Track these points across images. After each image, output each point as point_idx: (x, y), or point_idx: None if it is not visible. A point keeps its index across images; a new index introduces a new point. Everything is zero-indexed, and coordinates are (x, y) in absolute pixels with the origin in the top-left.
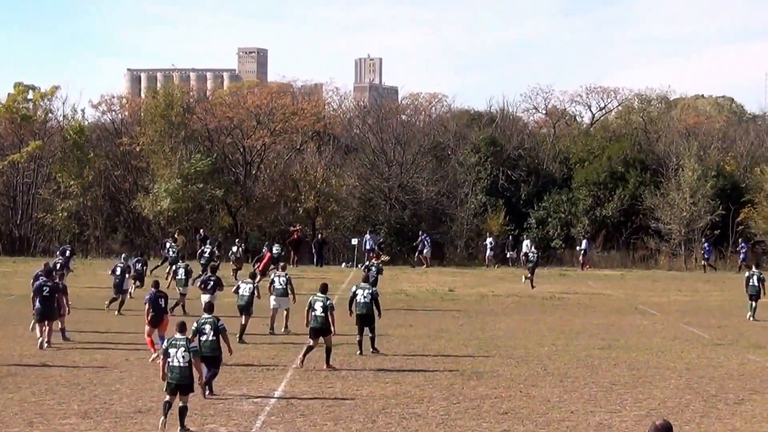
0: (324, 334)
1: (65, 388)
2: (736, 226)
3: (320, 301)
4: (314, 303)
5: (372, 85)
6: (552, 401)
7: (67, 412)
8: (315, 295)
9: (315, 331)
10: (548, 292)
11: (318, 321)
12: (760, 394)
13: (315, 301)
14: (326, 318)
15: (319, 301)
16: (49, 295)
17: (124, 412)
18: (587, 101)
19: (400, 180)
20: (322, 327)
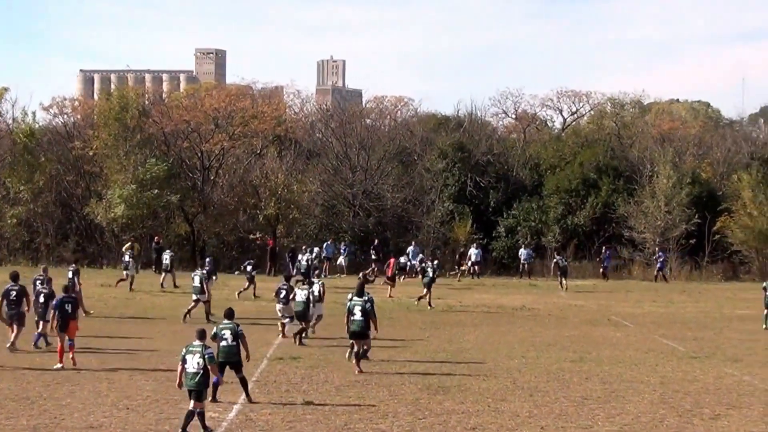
0: (363, 338)
1: (14, 402)
2: (712, 236)
3: (359, 305)
4: (353, 308)
5: (335, 87)
6: (521, 416)
7: (15, 427)
8: (353, 300)
9: (354, 335)
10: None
11: (357, 325)
12: (736, 409)
13: (354, 306)
14: (366, 321)
15: (358, 305)
16: (16, 299)
17: (75, 428)
18: (558, 105)
19: (365, 186)
20: (361, 330)
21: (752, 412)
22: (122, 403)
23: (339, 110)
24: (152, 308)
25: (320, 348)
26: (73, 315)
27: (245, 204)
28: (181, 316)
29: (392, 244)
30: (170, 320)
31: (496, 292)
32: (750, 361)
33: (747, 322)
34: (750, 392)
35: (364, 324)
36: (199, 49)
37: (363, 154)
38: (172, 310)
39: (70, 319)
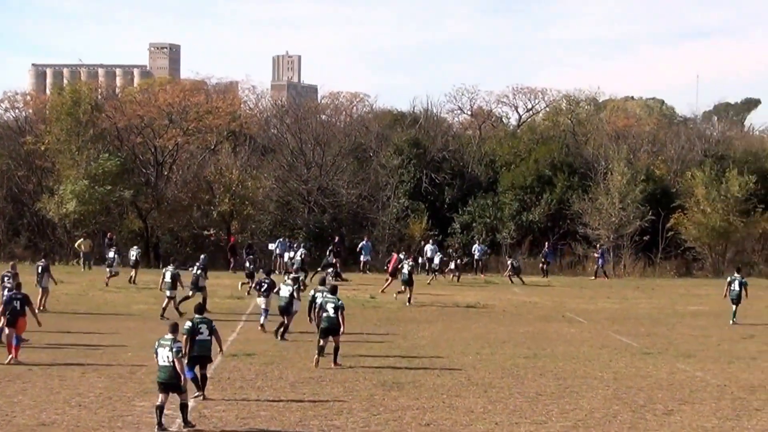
0: (334, 334)
1: None
2: (665, 232)
3: (332, 302)
4: (326, 304)
5: (290, 83)
6: (476, 412)
7: None
8: (325, 296)
9: (326, 330)
10: (473, 300)
11: (330, 321)
12: (689, 404)
13: (326, 302)
14: (337, 318)
15: (331, 302)
16: None
17: (27, 425)
18: (514, 102)
19: (320, 182)
20: (334, 327)
21: (704, 407)
22: (74, 400)
23: (294, 106)
24: (105, 305)
25: (275, 345)
26: (22, 312)
27: (199, 200)
28: (134, 313)
29: (348, 240)
30: (123, 317)
31: (451, 288)
32: (702, 357)
33: (700, 318)
34: (702, 388)
35: (336, 320)
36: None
37: (318, 150)
38: (125, 307)
39: (19, 317)
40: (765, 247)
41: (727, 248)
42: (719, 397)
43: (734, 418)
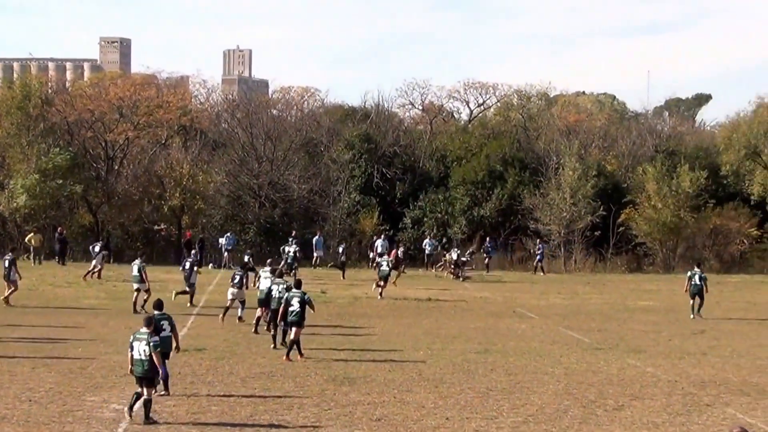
0: (297, 326)
1: None
2: (616, 228)
3: (297, 296)
4: (291, 299)
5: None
6: (427, 407)
7: None
8: (292, 291)
9: (290, 323)
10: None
11: (294, 315)
12: (639, 399)
13: (292, 297)
14: (302, 312)
15: (297, 296)
16: None
17: None
18: (465, 97)
19: (271, 177)
20: (297, 320)
21: (655, 402)
22: (25, 395)
23: (245, 100)
24: (55, 299)
25: (225, 340)
26: None
27: (150, 194)
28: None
29: (299, 235)
30: (73, 312)
31: (402, 283)
32: (653, 353)
33: (650, 313)
34: (653, 383)
35: (300, 314)
36: (103, 38)
37: (269, 145)
38: (76, 301)
39: None
40: (716, 243)
41: (677, 244)
42: (670, 392)
43: (684, 414)
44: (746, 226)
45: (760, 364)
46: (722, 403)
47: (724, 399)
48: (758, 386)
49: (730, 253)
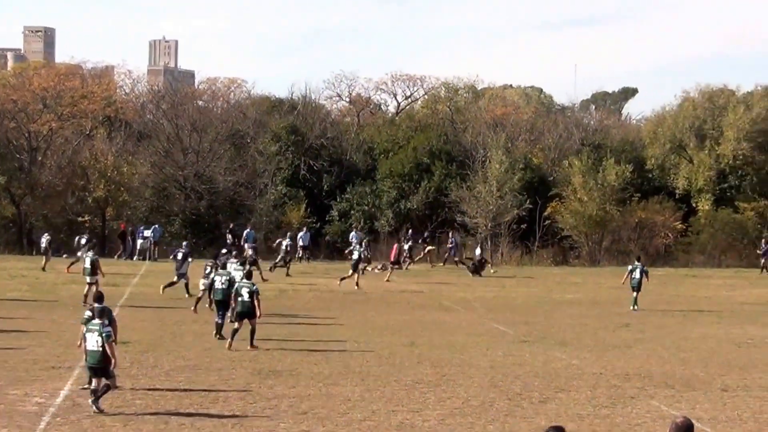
0: (250, 317)
1: None
2: (543, 221)
3: (246, 287)
4: (240, 289)
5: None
6: (353, 400)
7: None
8: (241, 282)
9: (241, 314)
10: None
11: (244, 305)
12: (565, 392)
13: (241, 287)
14: (252, 302)
15: (246, 287)
16: None
17: None
18: (393, 89)
19: (196, 169)
20: (248, 311)
21: (580, 395)
22: None
23: (171, 91)
24: None
25: (150, 333)
26: None
27: (74, 186)
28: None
29: (224, 227)
30: None
31: (329, 276)
32: (578, 345)
33: (576, 306)
34: (578, 376)
35: (251, 305)
36: (27, 27)
37: (195, 136)
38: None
39: None
40: (641, 236)
41: (603, 237)
42: (595, 385)
43: (609, 406)
44: (671, 219)
45: (684, 357)
46: (647, 395)
47: (648, 391)
48: (682, 379)
49: (655, 246)
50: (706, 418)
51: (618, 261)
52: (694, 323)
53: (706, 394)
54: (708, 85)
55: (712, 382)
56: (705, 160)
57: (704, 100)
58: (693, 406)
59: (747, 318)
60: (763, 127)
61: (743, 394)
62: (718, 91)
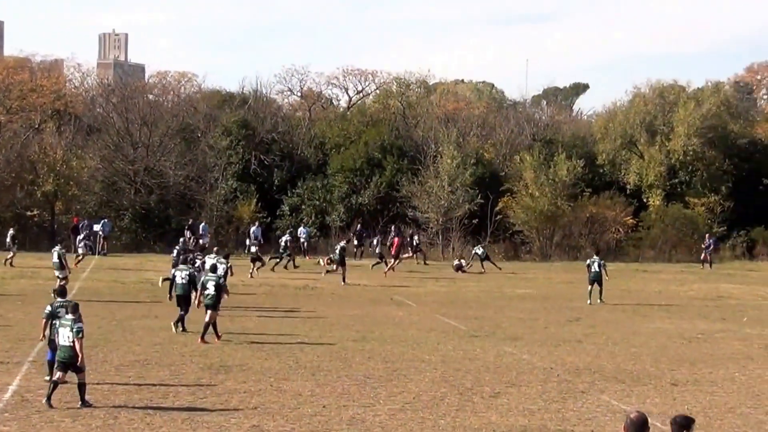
0: (212, 309)
1: None
2: (494, 216)
3: (213, 280)
4: (207, 282)
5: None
6: (304, 395)
7: None
8: (207, 275)
9: (206, 306)
10: (302, 282)
11: (209, 298)
12: (515, 386)
13: (207, 281)
14: (218, 295)
15: (212, 280)
16: None
17: None
18: (344, 84)
19: (147, 163)
20: (213, 303)
21: (531, 389)
22: None
23: (121, 85)
24: None
25: (99, 327)
26: None
27: (23, 180)
28: None
29: (174, 222)
30: None
31: (280, 271)
32: (529, 340)
33: (527, 301)
34: (529, 370)
35: (216, 298)
36: None
37: (145, 130)
38: None
39: None
40: (592, 231)
41: (554, 232)
42: (545, 379)
43: (560, 401)
44: (622, 214)
45: (634, 352)
46: (597, 390)
47: (599, 386)
48: (632, 373)
49: (606, 241)
50: (656, 412)
51: (569, 256)
52: (644, 318)
53: (657, 389)
54: (658, 81)
55: (662, 377)
56: (656, 156)
57: (655, 96)
58: (643, 400)
59: (697, 313)
60: (714, 123)
61: (693, 389)
62: (669, 87)
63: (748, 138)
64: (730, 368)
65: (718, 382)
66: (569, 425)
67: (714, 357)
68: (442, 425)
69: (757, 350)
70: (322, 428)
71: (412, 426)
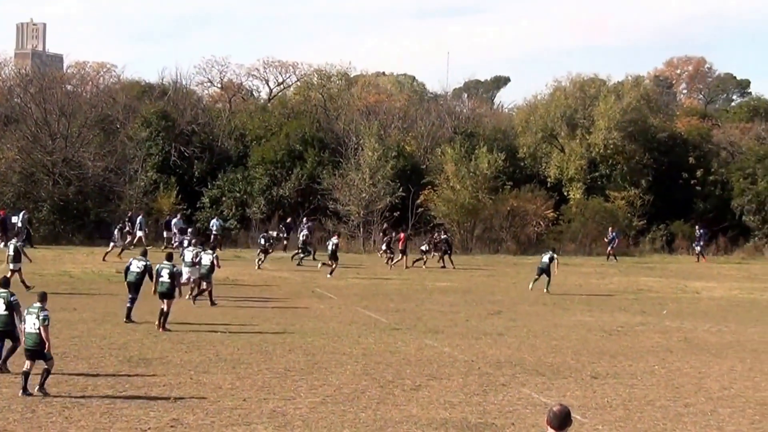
0: (167, 298)
1: None
2: (415, 209)
3: (167, 269)
4: (161, 270)
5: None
6: (224, 388)
7: None
8: (161, 263)
9: (161, 294)
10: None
11: (164, 286)
12: (436, 379)
13: (162, 269)
14: (171, 283)
15: (166, 268)
16: None
17: None
18: (265, 75)
19: (65, 154)
20: (168, 291)
21: (452, 382)
22: None
23: (39, 75)
24: None
25: None
26: None
27: None
28: None
29: (93, 214)
30: None
31: None
32: (450, 333)
33: (448, 294)
34: (450, 363)
35: (170, 286)
36: None
37: (63, 121)
38: None
39: None
40: (512, 224)
41: (475, 225)
42: (467, 372)
43: (481, 393)
44: (542, 208)
45: (555, 345)
46: (518, 383)
47: (519, 379)
48: (553, 366)
49: (527, 234)
50: (576, 405)
51: (490, 249)
52: (565, 311)
53: (577, 382)
54: (579, 75)
55: (582, 370)
56: (576, 149)
57: (575, 90)
58: (564, 393)
59: (617, 306)
60: (634, 116)
61: (613, 382)
62: (589, 81)
63: (667, 132)
64: (650, 361)
65: (638, 374)
66: (490, 418)
67: (634, 350)
68: (362, 418)
69: (677, 343)
70: (242, 421)
71: (333, 419)
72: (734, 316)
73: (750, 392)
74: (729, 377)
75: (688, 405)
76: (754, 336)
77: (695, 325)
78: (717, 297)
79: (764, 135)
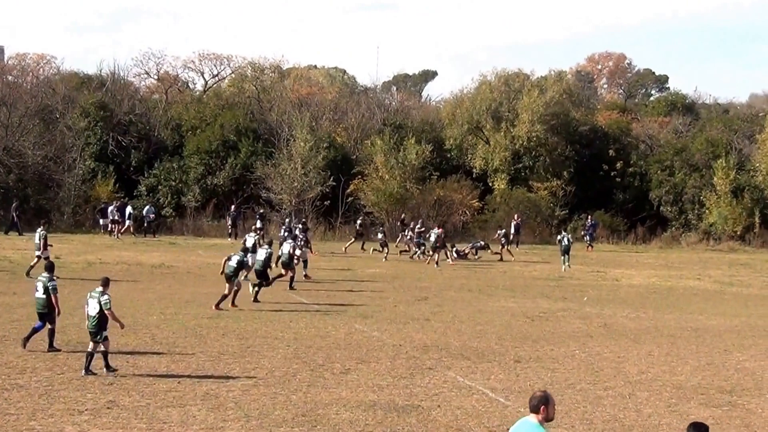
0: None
1: None
2: (346, 197)
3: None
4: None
5: None
6: (159, 371)
7: None
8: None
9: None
10: (158, 260)
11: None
12: (365, 363)
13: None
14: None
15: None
16: None
17: None
18: (200, 68)
19: (5, 143)
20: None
21: (380, 366)
22: None
23: None
24: None
25: None
26: None
27: None
28: None
29: (33, 201)
30: None
31: (136, 249)
32: (379, 318)
33: (377, 280)
34: (379, 347)
35: (235, 271)
36: None
37: (4, 111)
38: None
39: None
40: (439, 213)
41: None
42: (395, 356)
43: (408, 377)
44: (468, 197)
45: (479, 329)
46: (444, 366)
47: (445, 362)
48: (477, 350)
49: (453, 223)
50: (500, 388)
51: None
52: (489, 297)
53: (501, 365)
54: (504, 70)
55: (506, 354)
56: (501, 141)
57: (500, 84)
58: (488, 377)
59: (539, 292)
60: (556, 110)
61: (535, 365)
62: (514, 75)
63: (589, 125)
64: (571, 346)
65: (559, 359)
66: (417, 400)
67: (555, 335)
68: (294, 400)
69: (596, 328)
70: (176, 403)
71: (265, 401)
72: (652, 302)
73: (667, 376)
74: (647, 362)
75: (608, 388)
76: (670, 322)
77: (614, 311)
78: (635, 284)
79: (681, 129)
